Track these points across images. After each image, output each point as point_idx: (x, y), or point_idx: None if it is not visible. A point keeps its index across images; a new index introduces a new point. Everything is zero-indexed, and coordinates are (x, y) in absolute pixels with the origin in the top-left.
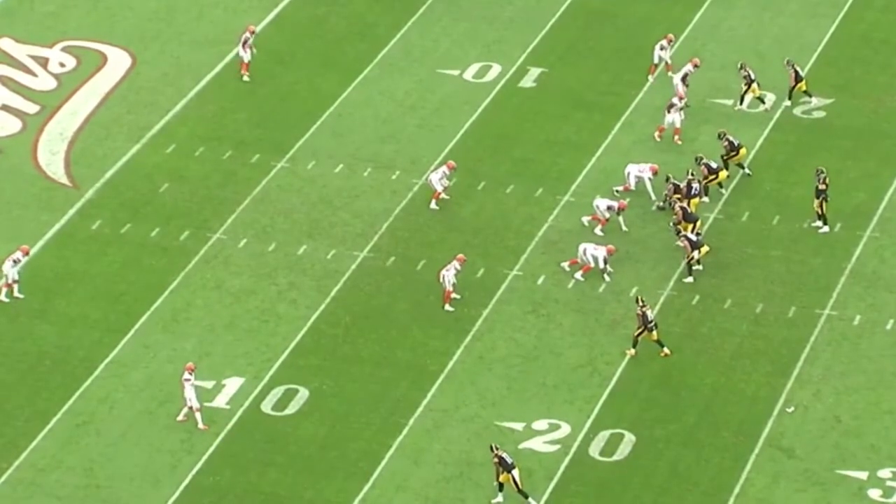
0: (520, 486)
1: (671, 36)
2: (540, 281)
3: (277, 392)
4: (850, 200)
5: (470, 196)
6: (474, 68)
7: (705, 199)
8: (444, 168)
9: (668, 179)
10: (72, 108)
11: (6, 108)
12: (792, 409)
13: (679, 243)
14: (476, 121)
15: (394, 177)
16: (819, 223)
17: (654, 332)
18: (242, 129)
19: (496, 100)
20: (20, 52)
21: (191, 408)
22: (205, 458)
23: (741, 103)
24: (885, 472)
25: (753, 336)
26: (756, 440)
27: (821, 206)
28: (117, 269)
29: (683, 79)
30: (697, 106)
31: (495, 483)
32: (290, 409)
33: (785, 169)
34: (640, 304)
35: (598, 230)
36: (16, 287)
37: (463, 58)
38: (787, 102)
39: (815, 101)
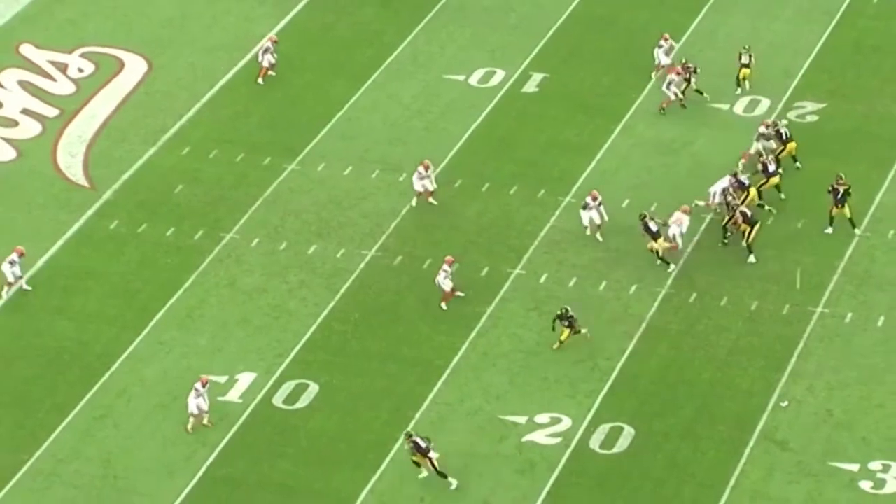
0: (437, 469)
1: (666, 35)
2: (542, 279)
3: (288, 386)
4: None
5: (474, 196)
6: (479, 74)
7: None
8: (420, 168)
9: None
10: (90, 112)
11: (27, 111)
12: (786, 403)
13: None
14: (481, 124)
15: (401, 178)
16: (830, 229)
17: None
18: (254, 132)
19: (500, 104)
20: (40, 57)
21: (194, 415)
22: (218, 449)
23: (738, 89)
24: (875, 465)
25: (749, 333)
26: (751, 433)
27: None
28: (134, 268)
29: (668, 86)
30: (696, 110)
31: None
32: (301, 403)
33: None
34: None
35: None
36: (7, 289)
37: (468, 63)
38: (738, 91)
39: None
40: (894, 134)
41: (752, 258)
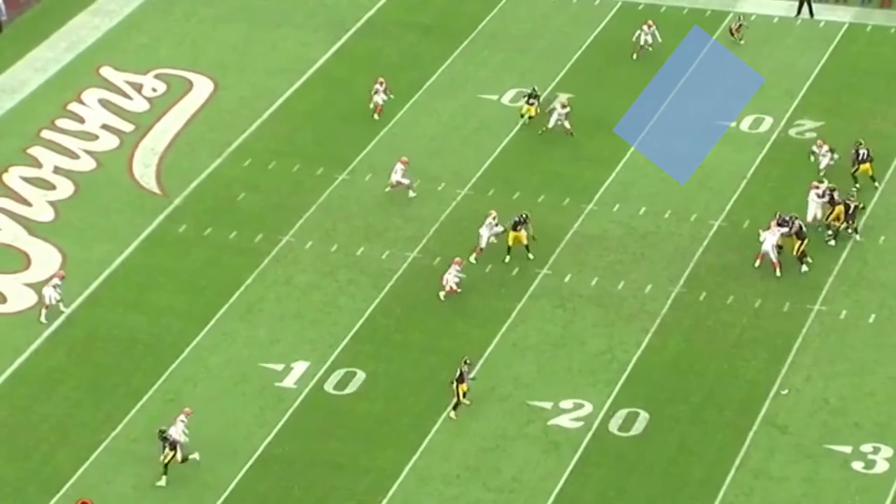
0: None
1: (650, 21)
2: (566, 279)
3: (338, 374)
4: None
5: (506, 204)
6: (510, 94)
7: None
8: (399, 165)
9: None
10: (162, 127)
11: (106, 126)
12: (786, 391)
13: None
14: (511, 139)
15: (440, 188)
16: (830, 234)
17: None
18: (309, 145)
19: (529, 120)
20: (118, 78)
21: (178, 447)
22: (275, 431)
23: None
24: (867, 447)
25: (753, 328)
26: (754, 418)
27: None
28: (200, 267)
29: (558, 119)
30: (705, 127)
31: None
32: (350, 389)
33: (781, 182)
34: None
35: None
36: (61, 304)
37: (500, 85)
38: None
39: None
40: (884, 149)
41: (804, 268)
